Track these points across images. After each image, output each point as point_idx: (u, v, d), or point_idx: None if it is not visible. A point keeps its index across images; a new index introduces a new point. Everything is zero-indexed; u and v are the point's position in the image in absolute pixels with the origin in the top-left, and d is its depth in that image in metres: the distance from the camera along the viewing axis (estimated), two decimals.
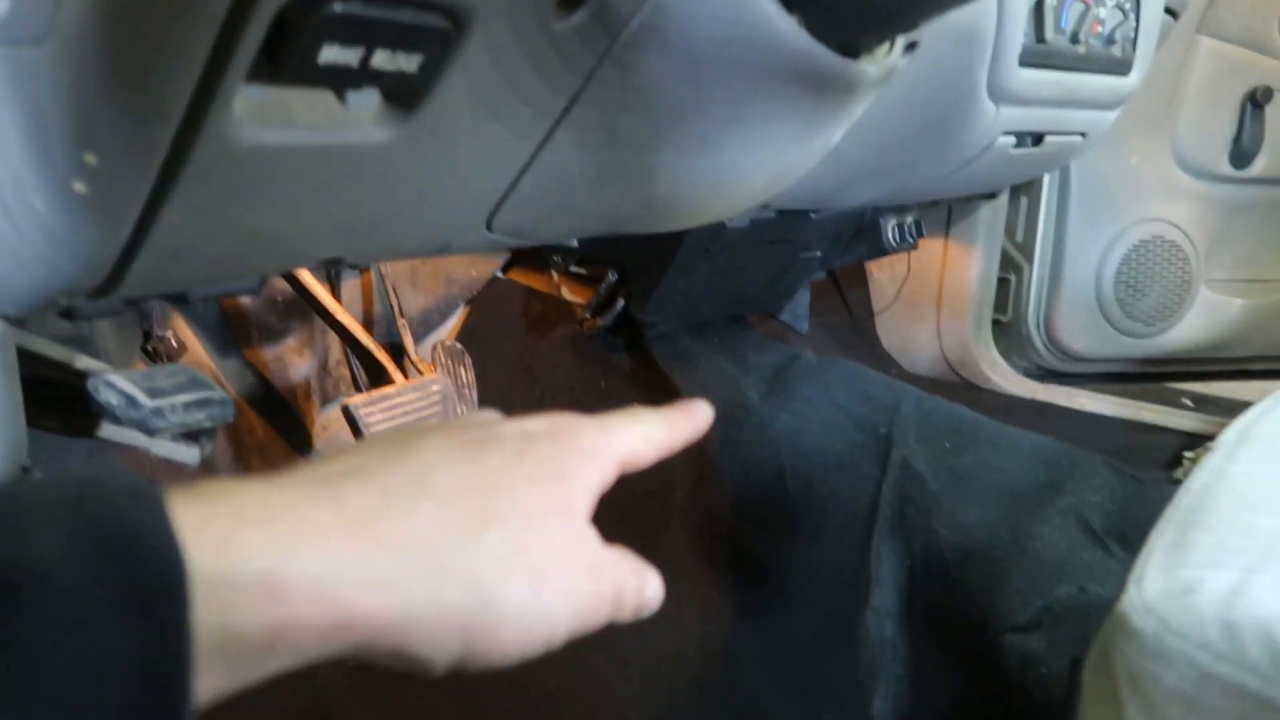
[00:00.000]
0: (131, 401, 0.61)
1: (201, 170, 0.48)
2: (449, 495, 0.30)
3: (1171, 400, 1.81)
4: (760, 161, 0.73)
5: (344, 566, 0.27)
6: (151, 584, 0.23)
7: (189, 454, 0.67)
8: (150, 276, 0.55)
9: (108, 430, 0.65)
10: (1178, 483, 0.70)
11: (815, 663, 1.08)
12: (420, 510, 0.29)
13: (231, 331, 1.11)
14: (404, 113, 0.53)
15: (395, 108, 0.53)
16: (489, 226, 0.72)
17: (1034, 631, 0.98)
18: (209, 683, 0.24)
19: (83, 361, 0.64)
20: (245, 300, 1.10)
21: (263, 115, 0.48)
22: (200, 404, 0.64)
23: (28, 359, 0.59)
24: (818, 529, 1.15)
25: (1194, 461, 0.77)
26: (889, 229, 1.46)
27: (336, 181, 0.56)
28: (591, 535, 0.34)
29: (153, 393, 0.62)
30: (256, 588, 0.25)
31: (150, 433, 0.62)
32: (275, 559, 0.26)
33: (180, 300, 0.63)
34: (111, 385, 0.61)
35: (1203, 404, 1.80)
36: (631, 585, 0.35)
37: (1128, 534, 1.06)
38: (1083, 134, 1.23)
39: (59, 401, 0.64)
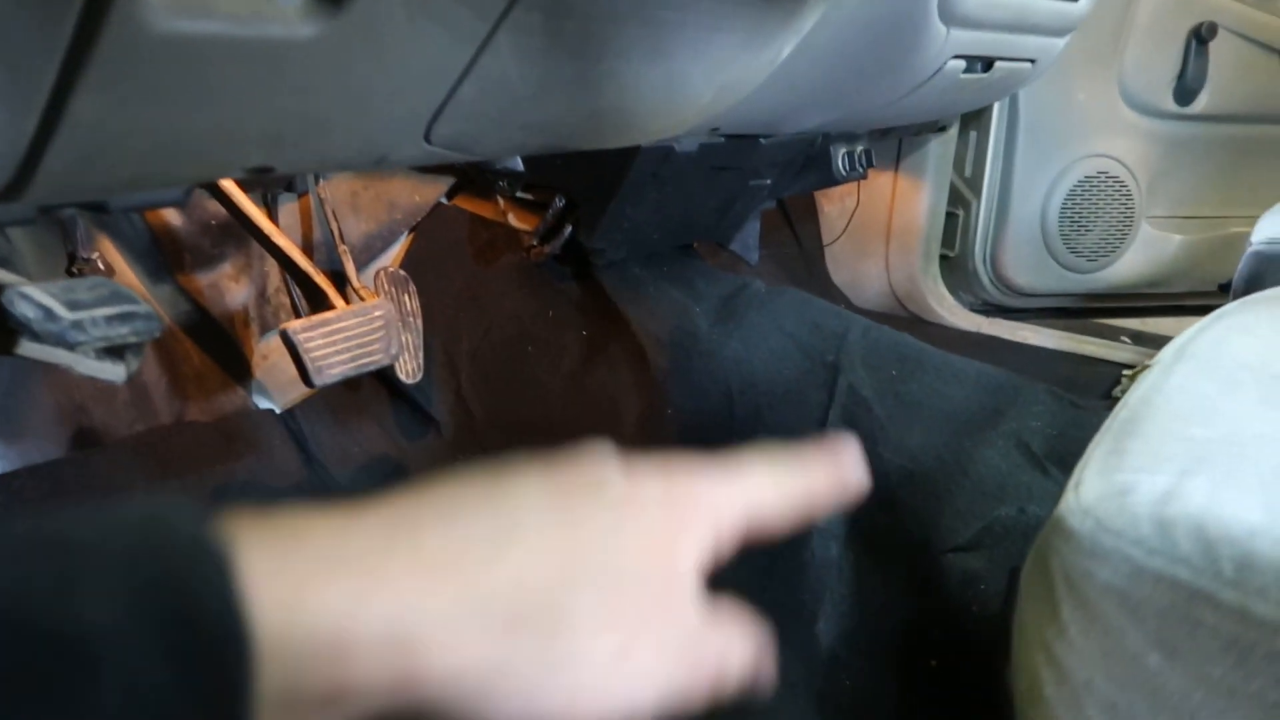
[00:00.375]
0: (49, 314, 0.58)
1: (112, 59, 0.45)
2: (536, 548, 0.28)
3: (1111, 336, 1.86)
4: (708, 72, 0.71)
5: (414, 623, 0.25)
6: (215, 660, 0.22)
7: (114, 371, 0.64)
8: (64, 179, 0.52)
9: (27, 348, 0.62)
10: (1116, 400, 0.71)
11: (760, 585, 1.09)
12: (502, 562, 0.27)
13: (163, 256, 1.07)
14: (331, 7, 0.50)
15: (322, 1, 0.50)
16: (427, 138, 0.70)
17: (974, 551, 1.00)
18: None
19: None
20: (176, 222, 1.06)
21: (178, 1, 0.45)
22: (123, 317, 0.61)
23: None
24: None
25: (1132, 379, 0.78)
26: (839, 158, 1.45)
27: (261, 80, 0.53)
28: (693, 608, 0.30)
29: (72, 305, 0.59)
30: (323, 648, 0.24)
31: (71, 347, 0.59)
32: (344, 616, 0.24)
33: (100, 209, 0.60)
34: (27, 297, 0.58)
35: (1140, 340, 1.84)
36: (736, 663, 0.31)
37: (1066, 457, 1.08)
38: (1032, 61, 1.22)
39: None
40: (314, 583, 0.24)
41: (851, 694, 0.98)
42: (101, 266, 0.94)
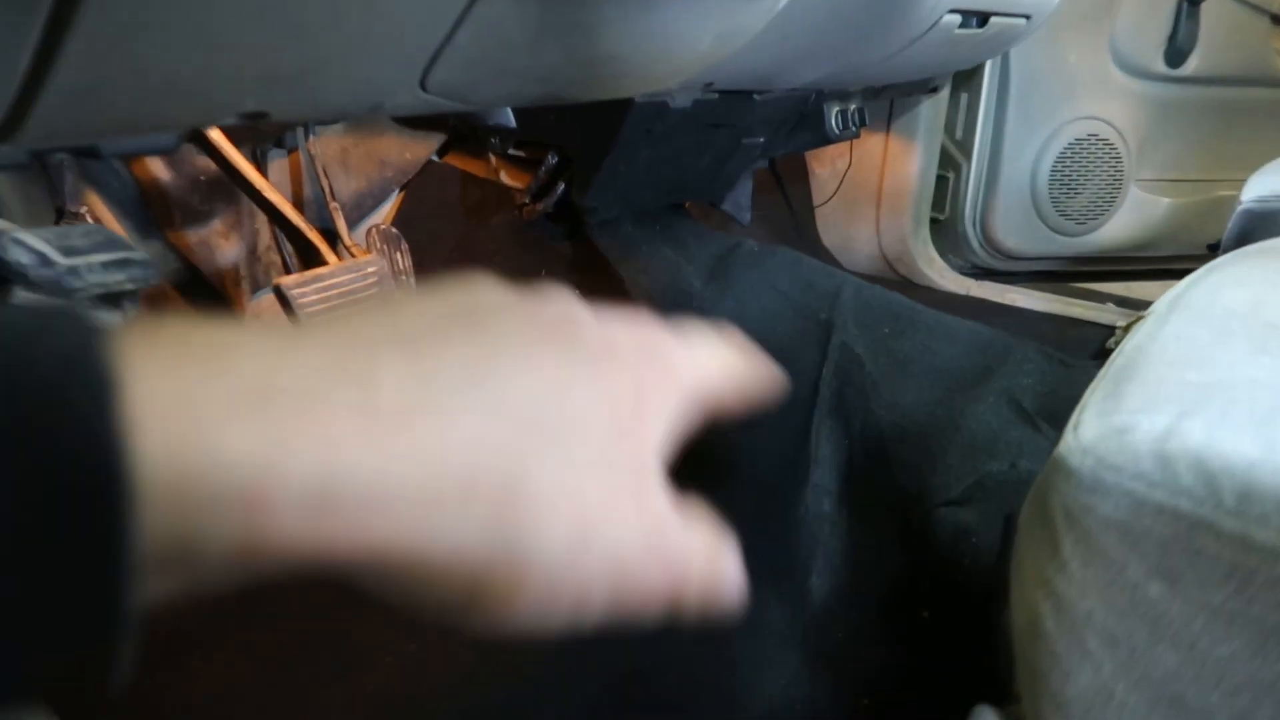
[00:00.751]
0: (44, 260, 0.57)
1: None
2: (508, 397, 0.24)
3: (1097, 300, 1.87)
4: (705, 19, 0.71)
5: (351, 478, 0.21)
6: (82, 506, 0.18)
7: (111, 321, 0.64)
8: (57, 119, 0.51)
9: (21, 297, 0.61)
10: (1110, 352, 0.71)
11: (753, 540, 1.09)
12: (467, 414, 0.23)
13: (152, 212, 1.05)
14: None
15: None
16: (423, 85, 0.69)
17: (966, 505, 1.01)
18: (156, 591, 0.20)
19: None
20: (165, 178, 1.05)
21: None
22: (120, 264, 0.60)
23: None
24: (758, 413, 1.16)
25: (1126, 330, 0.79)
26: (833, 116, 1.44)
27: (256, 17, 0.52)
28: (660, 489, 0.26)
29: (67, 251, 0.58)
30: (235, 499, 0.20)
31: (67, 295, 0.58)
32: (266, 462, 0.20)
33: (92, 155, 0.59)
34: (21, 243, 0.58)
35: (1125, 305, 1.86)
36: (700, 567, 0.27)
37: (1057, 414, 1.09)
38: (1027, 16, 1.22)
39: None
40: (228, 418, 0.20)
41: (844, 646, 0.99)
42: (90, 221, 0.92)
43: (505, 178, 1.32)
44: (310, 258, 1.08)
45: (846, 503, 1.08)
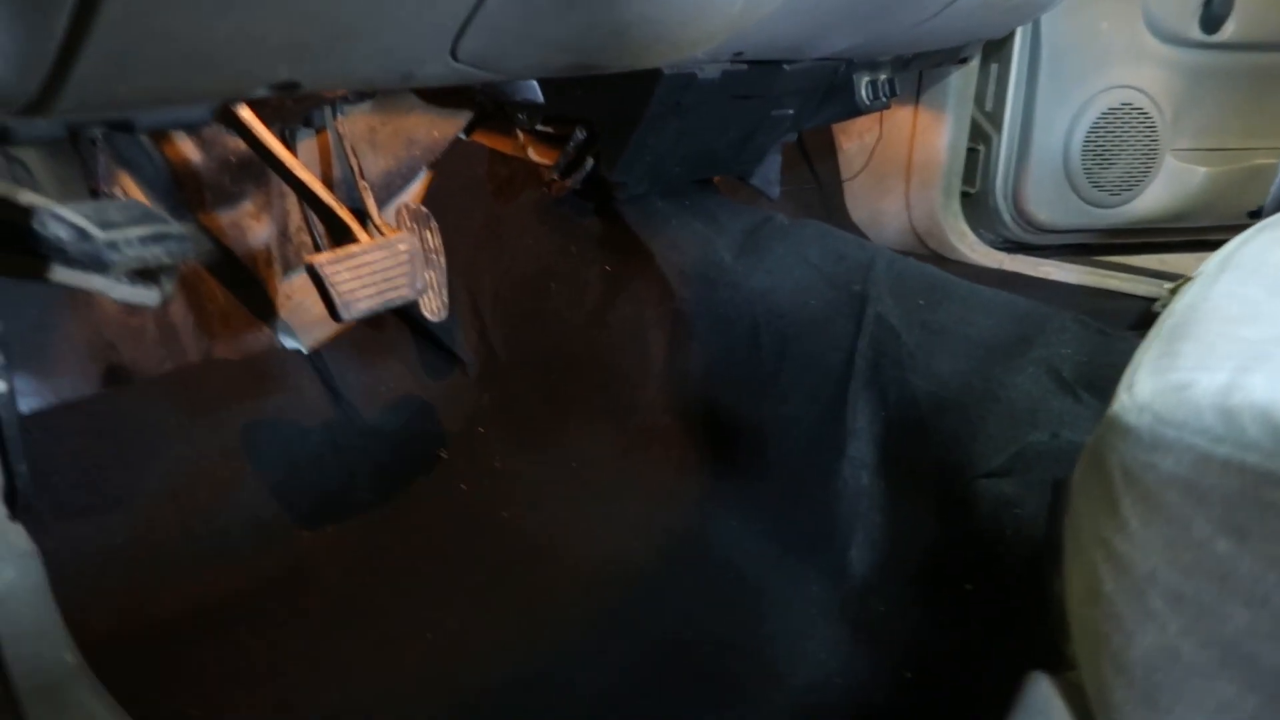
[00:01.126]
0: (82, 234, 0.57)
1: None
2: None
3: (1133, 272, 1.84)
4: None
5: None
6: None
7: (148, 295, 0.64)
8: (91, 90, 0.51)
9: (60, 273, 0.61)
10: (1155, 316, 0.70)
11: (790, 514, 1.09)
12: None
13: (183, 194, 1.06)
14: None
15: None
16: (454, 54, 0.68)
17: (1007, 476, 1.00)
18: None
19: (26, 196, 0.60)
20: (195, 159, 1.05)
21: None
22: (157, 238, 0.60)
23: None
24: (793, 385, 1.15)
25: (1173, 292, 0.77)
26: (862, 87, 1.42)
27: None
28: None
29: (105, 225, 0.58)
30: None
31: (105, 268, 0.58)
32: None
33: (126, 128, 0.59)
34: (60, 218, 0.58)
35: (1162, 277, 1.83)
36: None
37: (1098, 383, 1.07)
38: None
39: (1, 242, 0.60)
40: None
41: (884, 619, 0.99)
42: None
43: (533, 154, 1.32)
44: (341, 237, 1.08)
45: (884, 475, 1.07)
